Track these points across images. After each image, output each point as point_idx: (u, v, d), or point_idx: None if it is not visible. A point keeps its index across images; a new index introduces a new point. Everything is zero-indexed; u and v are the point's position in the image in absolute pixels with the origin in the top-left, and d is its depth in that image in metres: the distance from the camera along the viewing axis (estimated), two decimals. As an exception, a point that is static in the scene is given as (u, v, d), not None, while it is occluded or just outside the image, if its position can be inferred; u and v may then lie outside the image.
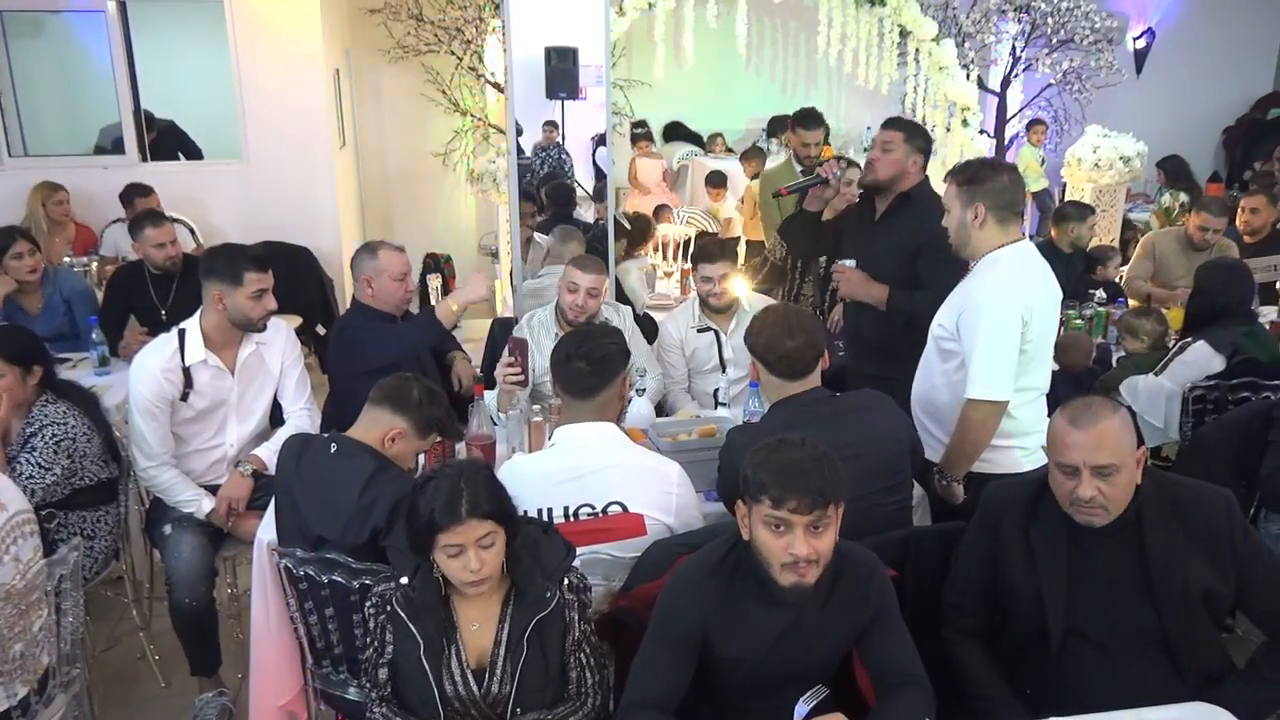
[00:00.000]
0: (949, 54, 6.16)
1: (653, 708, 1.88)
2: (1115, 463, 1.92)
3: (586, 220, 5.16)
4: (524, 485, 2.33)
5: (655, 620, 1.95)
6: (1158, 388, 3.58)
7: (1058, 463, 1.98)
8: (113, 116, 6.04)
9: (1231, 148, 10.29)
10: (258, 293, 2.96)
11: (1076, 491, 1.94)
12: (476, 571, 1.86)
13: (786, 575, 1.82)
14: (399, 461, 2.45)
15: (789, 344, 2.40)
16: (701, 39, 5.83)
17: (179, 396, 2.97)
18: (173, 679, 3.23)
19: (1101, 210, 6.67)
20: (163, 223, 4.24)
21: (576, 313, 3.43)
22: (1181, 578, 1.96)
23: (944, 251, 2.89)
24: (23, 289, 4.16)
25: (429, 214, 8.26)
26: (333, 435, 2.47)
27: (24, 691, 2.23)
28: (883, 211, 3.33)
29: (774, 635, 1.90)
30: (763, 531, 1.83)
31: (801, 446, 1.86)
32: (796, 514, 1.78)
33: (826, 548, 1.82)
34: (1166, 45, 9.93)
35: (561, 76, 4.82)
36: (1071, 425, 1.95)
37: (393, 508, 2.23)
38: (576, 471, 2.36)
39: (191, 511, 2.99)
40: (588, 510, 2.35)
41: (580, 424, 2.42)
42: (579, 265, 3.46)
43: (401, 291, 3.34)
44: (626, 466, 2.38)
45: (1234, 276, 3.72)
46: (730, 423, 3.02)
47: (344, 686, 2.43)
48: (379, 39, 7.66)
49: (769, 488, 1.79)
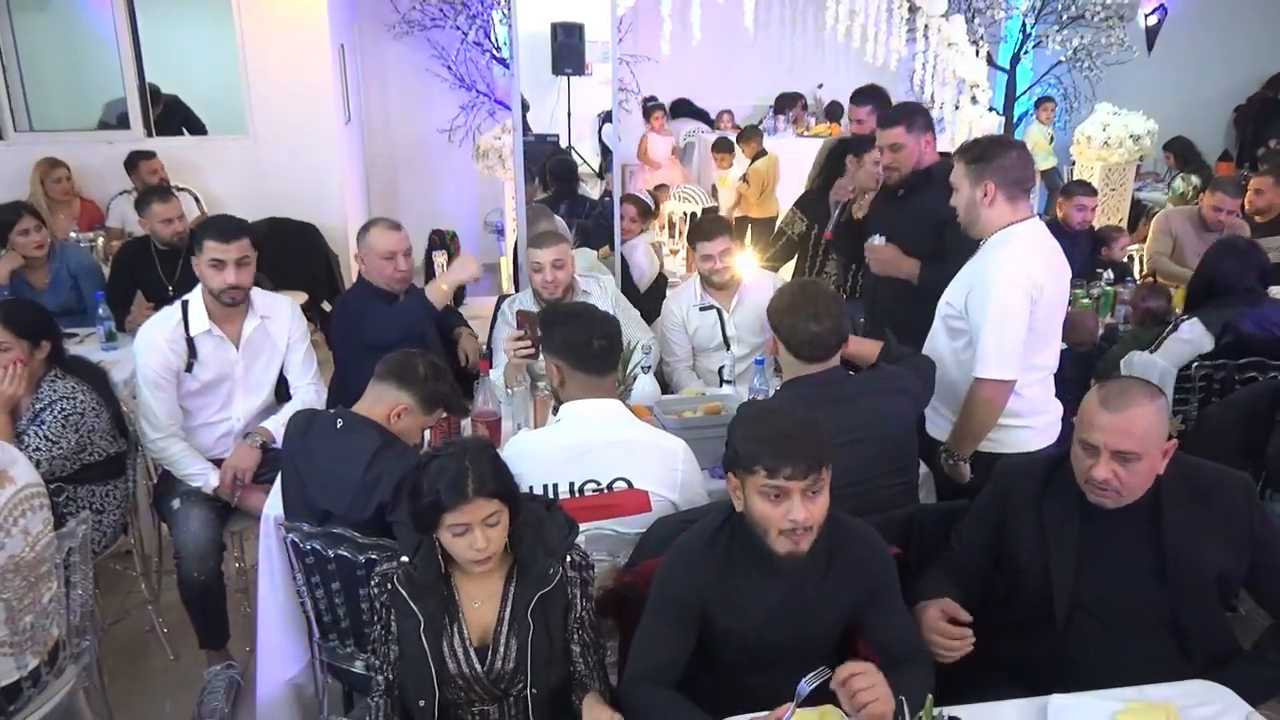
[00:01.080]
0: (958, 30, 6.10)
1: (654, 681, 1.89)
2: (1138, 451, 1.90)
3: (592, 196, 5.15)
4: (530, 461, 2.34)
5: (654, 594, 1.96)
6: (1150, 365, 3.57)
7: (1081, 439, 1.96)
8: (118, 92, 6.03)
9: (1243, 126, 10.21)
10: (214, 262, 2.92)
11: (1092, 471, 1.93)
12: (482, 550, 1.86)
13: (783, 543, 1.84)
14: (404, 437, 2.46)
15: (813, 328, 2.37)
16: (708, 15, 5.79)
17: (184, 368, 2.97)
18: (181, 652, 3.26)
19: (1110, 189, 6.63)
20: (170, 198, 4.23)
21: (551, 289, 3.40)
22: (1195, 561, 1.96)
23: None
24: (29, 264, 4.16)
25: (434, 190, 8.25)
26: (339, 410, 2.48)
27: (34, 663, 2.25)
28: (905, 189, 3.35)
29: (771, 606, 1.91)
30: (759, 502, 1.84)
31: (786, 414, 1.89)
32: (793, 480, 1.79)
33: (821, 511, 1.85)
34: (1178, 22, 9.82)
35: (567, 52, 4.80)
36: (1101, 406, 1.93)
37: (398, 484, 2.24)
38: (582, 448, 2.36)
39: (199, 486, 3.00)
40: (593, 486, 2.36)
41: (586, 400, 2.42)
42: (535, 244, 3.44)
43: (390, 269, 3.28)
44: (632, 443, 2.39)
45: (1233, 254, 3.66)
46: (735, 399, 3.02)
47: (350, 660, 2.45)
48: (384, 13, 7.62)
49: (763, 457, 1.80)
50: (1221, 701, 1.86)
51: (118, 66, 5.91)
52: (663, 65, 7.29)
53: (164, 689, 3.14)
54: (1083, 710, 1.83)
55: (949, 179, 2.99)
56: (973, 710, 1.86)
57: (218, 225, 2.99)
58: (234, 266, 2.93)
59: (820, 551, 1.89)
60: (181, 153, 6.01)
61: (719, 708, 1.85)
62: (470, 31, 7.71)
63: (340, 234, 6.25)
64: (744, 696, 1.86)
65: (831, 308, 2.41)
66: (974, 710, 1.86)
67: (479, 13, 7.68)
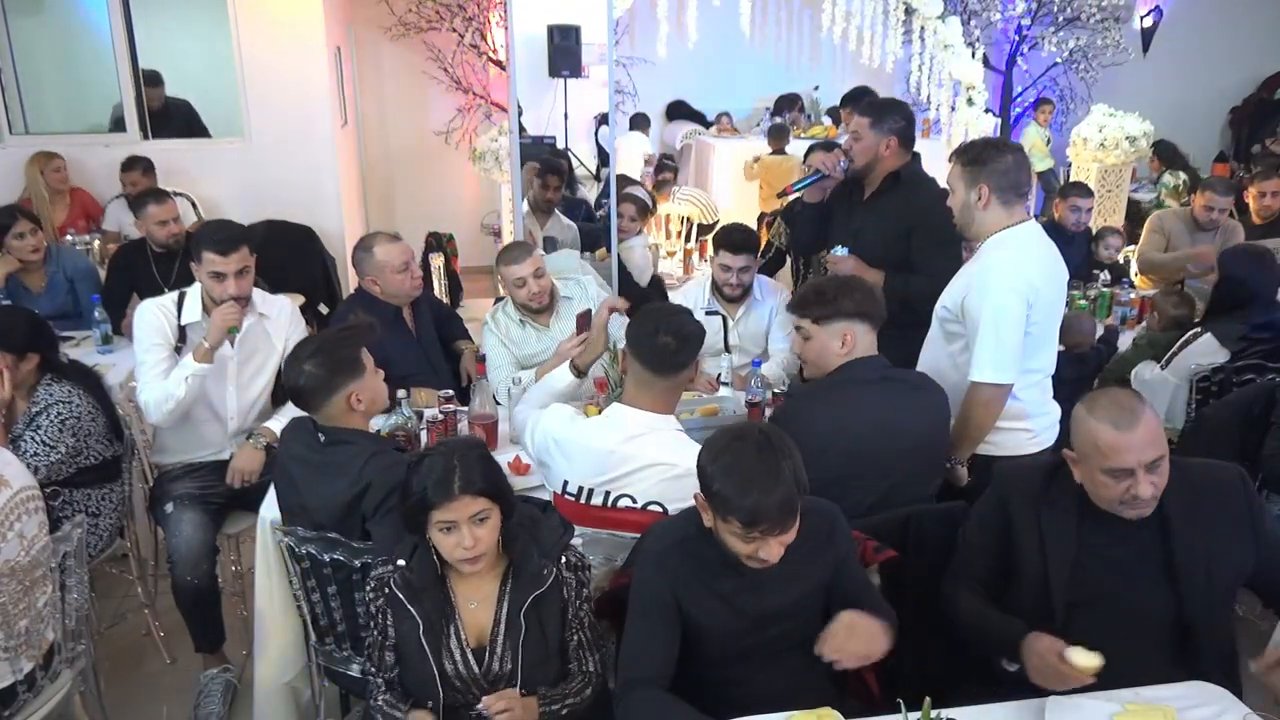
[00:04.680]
0: (954, 32, 6.10)
1: (648, 683, 1.90)
2: (1162, 453, 1.90)
3: (588, 199, 5.15)
4: (575, 454, 2.34)
5: (633, 596, 1.98)
6: (1162, 382, 3.56)
7: (1108, 469, 1.90)
8: (114, 95, 6.01)
9: (1238, 128, 10.23)
10: (214, 274, 2.93)
11: (1133, 491, 1.89)
12: (470, 549, 1.87)
13: (753, 563, 1.87)
14: (374, 406, 2.44)
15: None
16: (705, 16, 5.80)
17: (174, 346, 2.99)
18: (178, 655, 3.25)
19: (1106, 191, 6.63)
20: (165, 200, 4.22)
21: (538, 299, 3.37)
22: (1208, 563, 1.95)
23: (936, 233, 2.85)
24: (26, 268, 4.16)
25: (431, 193, 8.24)
26: (319, 426, 2.40)
27: (30, 667, 2.25)
28: (871, 192, 3.29)
29: (742, 592, 1.94)
30: (730, 537, 1.85)
31: (758, 446, 1.83)
32: (768, 534, 1.81)
33: (793, 536, 1.85)
34: (1174, 24, 9.85)
35: (564, 54, 4.80)
36: (1118, 429, 1.87)
37: (386, 493, 2.22)
38: (626, 460, 2.30)
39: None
40: (627, 502, 2.33)
41: (645, 412, 2.33)
42: (509, 261, 3.36)
43: (408, 281, 3.31)
44: (677, 468, 2.27)
45: (1259, 262, 3.60)
46: (732, 402, 3.03)
47: (347, 663, 2.45)
48: (381, 16, 7.61)
49: (735, 511, 1.80)
50: (1220, 703, 1.86)
51: (114, 70, 5.90)
52: (659, 67, 7.30)
53: (160, 693, 3.13)
54: (1081, 711, 1.83)
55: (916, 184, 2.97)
56: (971, 711, 1.86)
57: (215, 236, 2.97)
58: (234, 278, 2.94)
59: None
60: (178, 156, 6.00)
61: (704, 705, 1.86)
62: (466, 34, 7.70)
63: (337, 237, 6.24)
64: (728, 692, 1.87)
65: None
66: (972, 711, 1.86)
67: (475, 15, 7.68)
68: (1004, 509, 2.10)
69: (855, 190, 3.37)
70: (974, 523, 2.19)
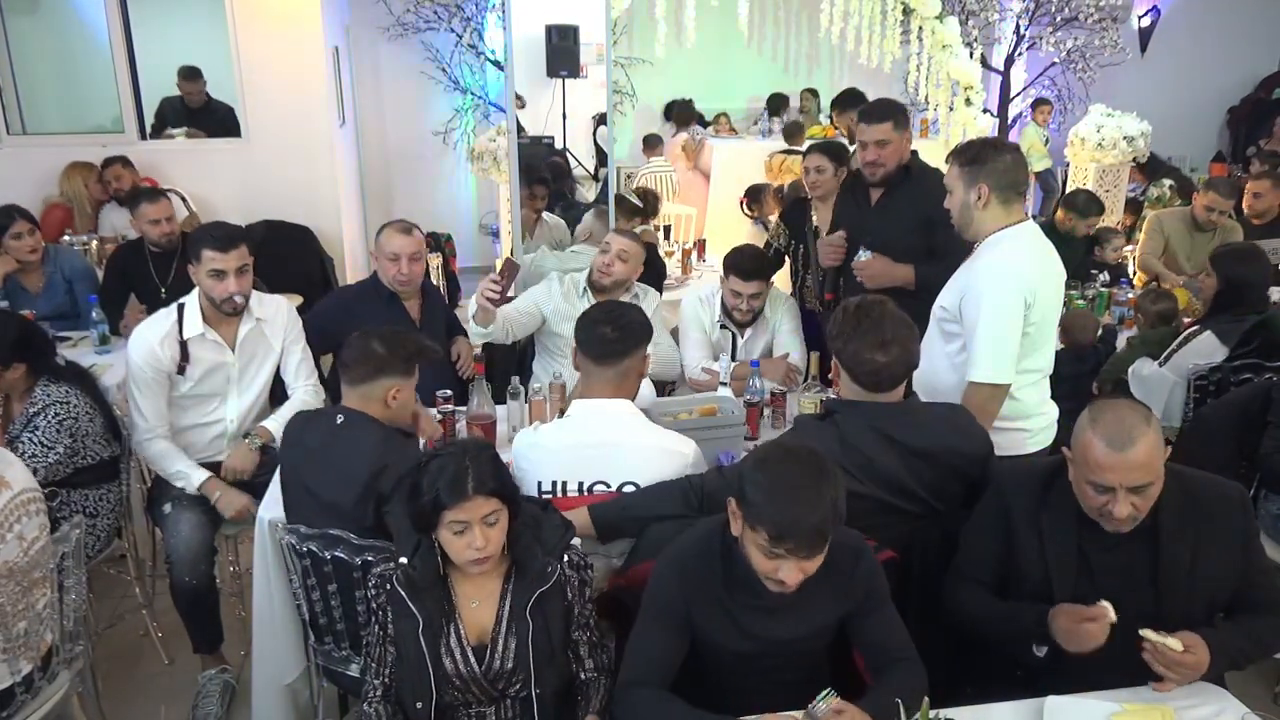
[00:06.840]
0: (952, 32, 6.11)
1: (647, 684, 1.89)
2: (1151, 480, 1.88)
3: (586, 199, 5.15)
4: (539, 456, 2.36)
5: (646, 599, 1.96)
6: (1161, 379, 3.56)
7: (1092, 480, 1.90)
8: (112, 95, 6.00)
9: (1236, 128, 10.24)
10: (214, 272, 2.93)
11: (1110, 508, 1.88)
12: (481, 549, 1.87)
13: (772, 584, 1.83)
14: (403, 411, 2.48)
15: (880, 359, 2.21)
16: (703, 17, 5.80)
17: (175, 370, 2.97)
18: (176, 656, 3.25)
19: (1105, 191, 6.63)
20: (159, 198, 4.23)
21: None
22: (1191, 577, 1.95)
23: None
24: (24, 268, 4.16)
25: (429, 193, 8.25)
26: (338, 408, 2.47)
27: (28, 668, 2.24)
28: (883, 190, 3.32)
29: (753, 614, 1.91)
30: (754, 550, 1.81)
31: (806, 465, 1.79)
32: (793, 554, 1.76)
33: (814, 568, 1.81)
34: (1172, 24, 9.86)
35: (562, 54, 4.80)
36: (1109, 447, 1.85)
37: (400, 478, 2.22)
38: (592, 448, 2.35)
39: (182, 486, 2.98)
40: (602, 487, 2.36)
41: (598, 399, 2.41)
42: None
43: (393, 270, 3.39)
44: (644, 446, 2.37)
45: (1253, 261, 3.63)
46: (730, 402, 3.02)
47: (346, 663, 2.45)
48: (378, 16, 7.62)
49: (768, 526, 1.75)
50: (1218, 703, 1.87)
51: (111, 70, 5.90)
52: (657, 67, 7.30)
53: (158, 694, 3.13)
54: (1079, 711, 1.83)
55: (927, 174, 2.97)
56: (970, 711, 1.86)
57: (214, 235, 2.97)
58: (234, 275, 2.94)
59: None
60: (176, 156, 6.00)
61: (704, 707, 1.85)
62: (464, 34, 7.71)
63: (335, 236, 6.24)
64: (725, 701, 1.86)
65: (900, 332, 2.23)
66: (970, 711, 1.86)
67: (473, 15, 7.68)
68: (1004, 511, 2.10)
69: (859, 192, 3.37)
70: (975, 524, 2.19)
